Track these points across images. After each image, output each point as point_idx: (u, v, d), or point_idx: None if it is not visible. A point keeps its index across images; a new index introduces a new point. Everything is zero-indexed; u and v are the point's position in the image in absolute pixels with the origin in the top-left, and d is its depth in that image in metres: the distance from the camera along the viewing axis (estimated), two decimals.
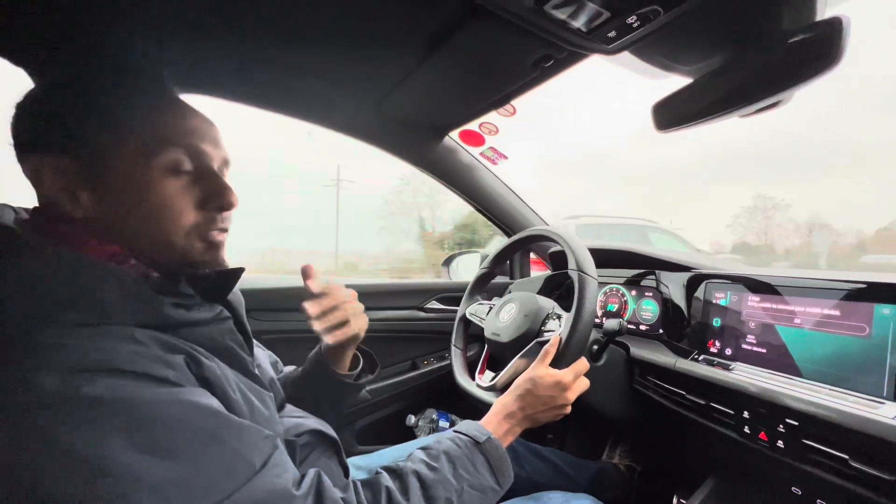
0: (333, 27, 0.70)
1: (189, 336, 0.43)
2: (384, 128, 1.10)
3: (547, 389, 0.65)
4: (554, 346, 0.69)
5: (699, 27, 0.61)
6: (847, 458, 0.56)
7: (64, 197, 0.42)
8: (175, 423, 0.35)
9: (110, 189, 0.43)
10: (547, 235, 0.86)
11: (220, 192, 0.48)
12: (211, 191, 0.47)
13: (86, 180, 0.42)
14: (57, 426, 0.31)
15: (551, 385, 0.65)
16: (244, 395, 0.45)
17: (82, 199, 0.42)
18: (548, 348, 0.69)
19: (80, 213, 0.43)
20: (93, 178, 0.42)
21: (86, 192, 0.43)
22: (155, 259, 0.45)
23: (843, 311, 0.65)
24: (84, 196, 0.42)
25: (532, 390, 0.65)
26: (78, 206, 0.42)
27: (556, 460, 0.97)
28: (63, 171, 0.42)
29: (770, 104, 0.63)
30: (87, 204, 0.43)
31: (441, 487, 0.50)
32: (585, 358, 0.71)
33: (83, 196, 0.42)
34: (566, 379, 0.67)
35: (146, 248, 0.45)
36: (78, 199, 0.42)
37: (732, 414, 0.71)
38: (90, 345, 0.35)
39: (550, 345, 0.70)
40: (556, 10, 0.58)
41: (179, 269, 0.47)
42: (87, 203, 0.43)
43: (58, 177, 0.42)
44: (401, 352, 1.32)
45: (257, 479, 0.38)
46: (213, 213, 0.48)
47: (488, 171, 1.30)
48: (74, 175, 0.42)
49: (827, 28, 0.52)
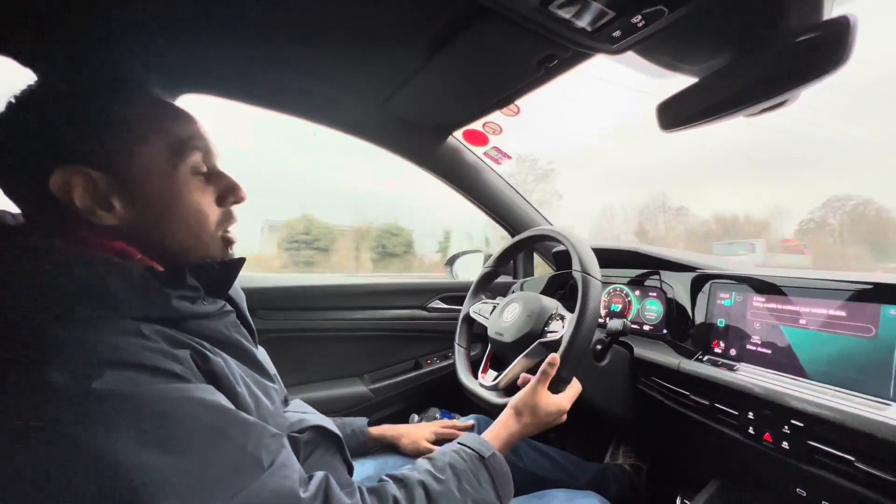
0: (339, 28, 0.70)
1: (194, 330, 0.44)
2: (389, 128, 1.10)
3: (548, 416, 0.67)
4: (554, 366, 0.68)
5: (704, 26, 0.61)
6: (853, 460, 0.55)
7: (94, 206, 0.43)
8: (183, 418, 0.35)
9: (143, 196, 0.45)
10: (551, 235, 0.86)
11: (234, 188, 0.51)
12: (226, 187, 0.51)
13: (118, 189, 0.44)
14: (67, 420, 0.32)
15: (552, 412, 0.67)
16: (249, 388, 0.46)
17: (115, 208, 0.44)
18: (545, 368, 0.68)
19: (112, 221, 0.44)
20: (125, 187, 0.44)
21: (118, 200, 0.44)
22: (182, 258, 0.47)
23: (849, 311, 0.65)
24: (117, 204, 0.44)
25: (534, 417, 0.67)
26: (111, 214, 0.44)
27: (555, 455, 0.97)
28: (94, 182, 0.43)
29: (776, 104, 0.63)
30: (119, 212, 0.44)
31: (445, 500, 0.50)
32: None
33: (116, 204, 0.44)
34: (565, 405, 0.69)
35: (178, 249, 0.47)
36: (111, 208, 0.44)
37: (737, 415, 0.71)
38: (98, 339, 0.36)
39: (548, 364, 0.68)
40: (561, 10, 0.58)
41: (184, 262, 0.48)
42: (120, 211, 0.44)
43: (88, 187, 0.43)
44: (404, 351, 1.32)
45: (265, 479, 0.38)
46: (229, 209, 0.51)
47: (492, 171, 1.30)
48: (106, 185, 0.43)
49: (834, 27, 0.52)
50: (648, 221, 13.80)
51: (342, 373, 1.23)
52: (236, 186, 0.51)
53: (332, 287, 1.23)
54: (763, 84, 0.61)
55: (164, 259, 0.46)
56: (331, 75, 0.87)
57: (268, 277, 1.20)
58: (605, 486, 1.00)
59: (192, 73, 0.81)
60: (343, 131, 1.08)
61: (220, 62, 0.80)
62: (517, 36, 0.66)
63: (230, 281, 0.53)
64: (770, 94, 0.60)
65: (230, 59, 0.79)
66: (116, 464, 0.32)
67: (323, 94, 0.94)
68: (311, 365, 1.19)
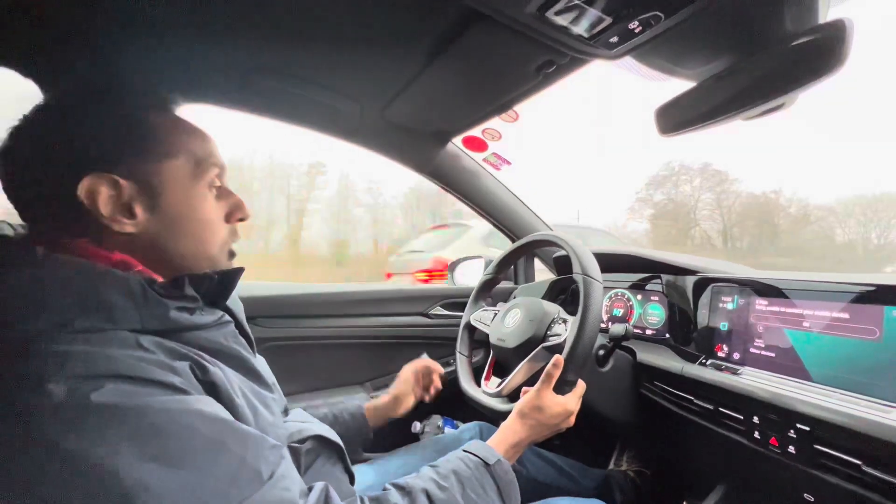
0: (337, 36, 0.71)
1: (193, 341, 0.44)
2: (388, 135, 1.10)
3: (554, 418, 0.66)
4: (558, 367, 0.67)
5: (701, 31, 0.62)
6: (860, 464, 0.55)
7: (117, 214, 0.43)
8: (182, 431, 0.35)
9: (164, 207, 0.46)
10: (551, 240, 0.85)
11: (241, 205, 0.53)
12: (234, 205, 0.52)
13: (142, 198, 0.44)
14: (65, 434, 0.32)
15: (558, 413, 0.67)
16: (248, 399, 0.45)
17: (137, 216, 0.44)
18: (550, 370, 0.67)
19: (131, 229, 0.44)
20: (149, 197, 0.45)
21: (140, 209, 0.44)
22: (187, 269, 0.48)
23: (853, 313, 0.64)
24: (139, 213, 0.44)
25: (541, 420, 0.66)
26: (132, 223, 0.44)
27: (559, 462, 0.96)
28: (121, 190, 0.43)
29: (774, 107, 0.63)
30: (140, 220, 0.44)
31: None
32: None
33: (138, 213, 0.44)
34: (571, 406, 0.68)
35: (187, 261, 0.48)
36: (133, 216, 0.44)
37: (742, 419, 0.70)
38: (97, 352, 0.35)
39: (552, 366, 0.68)
40: (558, 17, 0.59)
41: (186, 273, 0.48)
42: (141, 220, 0.45)
43: (112, 196, 0.43)
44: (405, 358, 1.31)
45: (264, 491, 0.38)
46: (234, 226, 0.53)
47: (492, 177, 1.30)
48: (132, 194, 0.44)
49: (830, 30, 0.52)
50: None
51: (343, 381, 1.22)
52: (242, 205, 0.53)
53: (332, 294, 1.23)
54: (761, 87, 0.61)
55: (169, 270, 0.47)
56: (329, 83, 0.87)
57: (267, 285, 1.20)
58: (609, 493, 0.99)
59: (190, 82, 0.81)
60: (342, 139, 1.08)
61: (217, 71, 0.80)
62: (515, 42, 0.67)
63: (229, 291, 0.53)
64: (768, 97, 0.61)
65: (228, 69, 0.79)
66: (115, 477, 0.31)
67: (322, 102, 0.94)
68: (311, 373, 1.18)
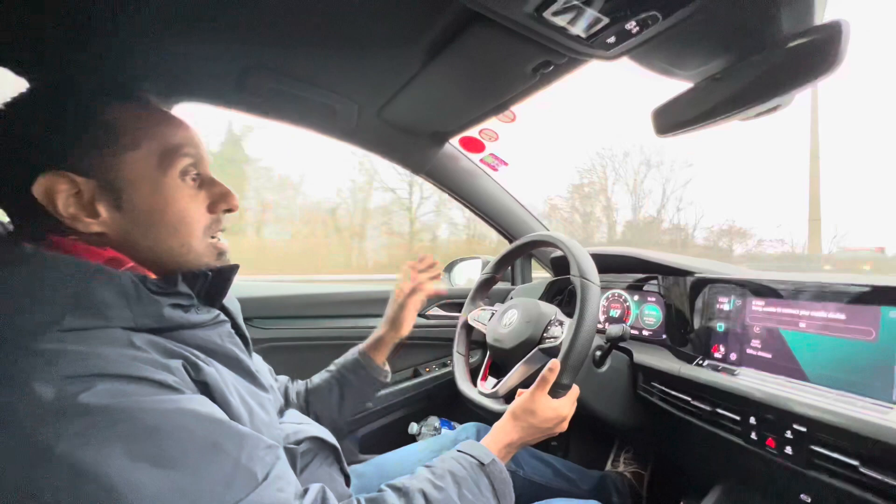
0: (333, 35, 0.70)
1: (188, 339, 0.43)
2: (385, 135, 1.10)
3: (548, 421, 0.66)
4: (553, 372, 0.67)
5: (698, 32, 0.62)
6: (857, 465, 0.55)
7: (79, 213, 0.42)
8: (175, 431, 0.35)
9: (131, 202, 0.44)
10: (548, 241, 0.85)
11: (226, 195, 0.51)
12: (218, 195, 0.51)
13: (104, 196, 0.43)
14: (56, 435, 0.31)
15: (551, 418, 0.66)
16: (243, 399, 0.45)
17: (101, 215, 0.43)
18: (545, 374, 0.67)
19: (97, 228, 0.43)
20: (112, 193, 0.43)
21: (104, 206, 0.43)
22: (172, 265, 0.47)
23: (849, 314, 0.65)
24: (103, 211, 0.43)
25: (534, 423, 0.65)
26: (96, 222, 0.43)
27: (556, 463, 0.96)
28: (79, 188, 0.42)
29: (770, 108, 0.63)
30: (105, 219, 0.43)
31: None
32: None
33: (102, 211, 0.43)
34: (565, 412, 0.68)
35: (168, 256, 0.46)
36: (97, 215, 0.43)
37: (739, 420, 0.70)
38: (88, 351, 0.35)
39: (548, 370, 0.67)
40: (556, 17, 0.59)
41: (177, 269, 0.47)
42: (106, 218, 0.43)
43: (72, 195, 0.42)
44: (402, 359, 1.31)
45: (259, 492, 0.37)
46: (219, 216, 0.51)
47: (489, 178, 1.30)
48: (92, 191, 0.43)
49: (826, 32, 0.52)
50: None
51: None
52: (229, 194, 0.51)
53: (329, 295, 1.22)
54: (757, 88, 0.61)
55: (156, 267, 0.46)
56: (326, 83, 0.87)
57: (264, 286, 1.19)
58: (606, 494, 0.99)
59: (186, 81, 0.81)
60: (338, 139, 1.08)
61: (214, 70, 0.80)
62: (512, 43, 0.67)
63: (224, 289, 0.52)
64: (764, 97, 0.61)
65: (224, 68, 0.79)
66: (107, 479, 0.31)
67: (319, 102, 0.94)
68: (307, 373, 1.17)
